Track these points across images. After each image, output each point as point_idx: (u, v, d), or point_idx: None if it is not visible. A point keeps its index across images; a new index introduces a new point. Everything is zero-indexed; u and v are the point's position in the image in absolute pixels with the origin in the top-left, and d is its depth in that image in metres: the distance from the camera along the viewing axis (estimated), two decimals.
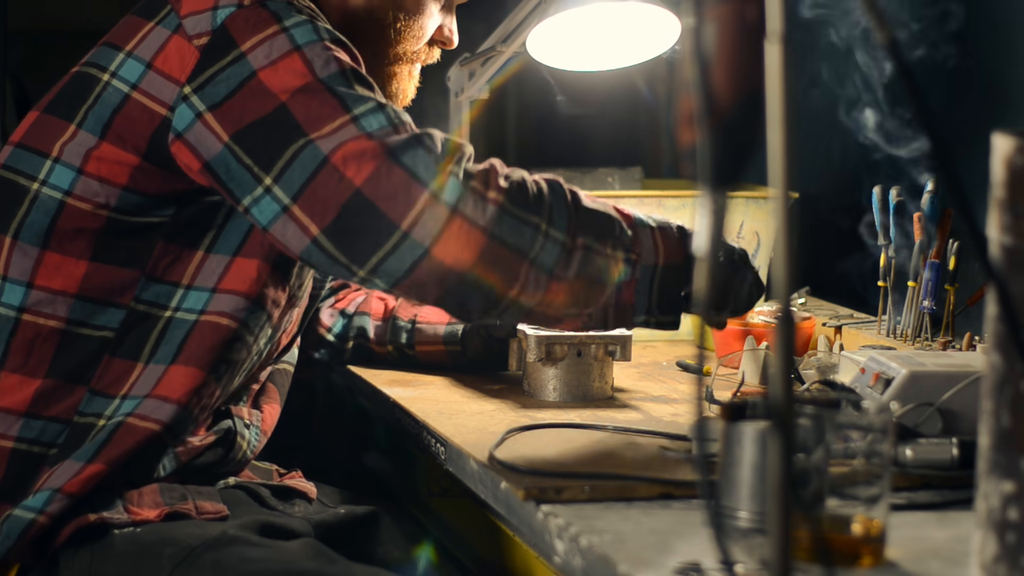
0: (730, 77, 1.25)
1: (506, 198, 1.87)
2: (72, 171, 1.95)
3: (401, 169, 1.84)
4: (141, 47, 1.96)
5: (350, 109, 1.87)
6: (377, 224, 1.84)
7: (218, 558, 1.89)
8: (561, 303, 1.90)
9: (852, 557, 1.49)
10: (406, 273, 1.85)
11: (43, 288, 1.95)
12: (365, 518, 2.11)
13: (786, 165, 1.20)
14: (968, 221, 1.30)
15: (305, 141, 1.86)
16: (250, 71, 1.89)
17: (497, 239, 1.85)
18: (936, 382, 1.85)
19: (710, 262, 1.25)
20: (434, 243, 1.84)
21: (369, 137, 1.86)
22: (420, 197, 1.83)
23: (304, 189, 1.86)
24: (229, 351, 1.98)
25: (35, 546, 1.90)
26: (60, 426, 1.94)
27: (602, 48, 2.60)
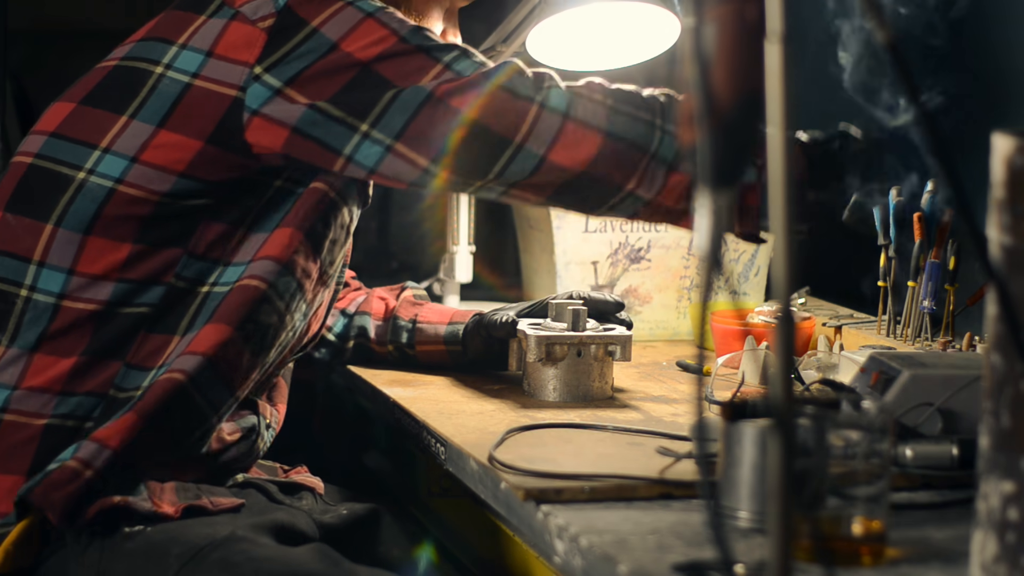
0: (730, 77, 1.25)
1: (614, 99, 2.00)
2: (125, 160, 1.98)
3: (502, 91, 1.97)
4: (196, 39, 2.01)
5: (439, 59, 1.98)
6: (490, 143, 1.97)
7: (225, 557, 1.89)
8: (679, 195, 1.99)
9: (852, 557, 1.49)
10: (525, 177, 1.99)
11: (84, 274, 1.97)
12: (366, 518, 2.11)
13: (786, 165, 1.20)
14: (968, 221, 1.30)
15: (399, 90, 1.96)
16: (330, 43, 1.97)
17: (612, 135, 1.97)
18: (936, 382, 1.85)
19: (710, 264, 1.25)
20: (550, 149, 1.97)
21: (468, 79, 1.97)
22: (529, 111, 1.97)
23: (407, 127, 1.96)
24: (257, 312, 2.00)
25: (66, 503, 1.89)
26: (95, 400, 1.96)
27: (602, 48, 2.60)
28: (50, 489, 1.89)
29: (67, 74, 2.11)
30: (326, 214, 2.05)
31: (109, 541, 1.91)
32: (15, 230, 2.00)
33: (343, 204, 2.08)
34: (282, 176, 2.02)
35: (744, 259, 2.64)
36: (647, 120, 1.99)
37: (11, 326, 1.97)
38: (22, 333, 1.97)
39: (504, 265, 3.13)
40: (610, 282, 2.60)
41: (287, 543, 1.96)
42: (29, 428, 1.95)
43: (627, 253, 2.60)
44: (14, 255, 1.99)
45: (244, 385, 2.04)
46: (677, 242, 2.61)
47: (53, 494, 1.89)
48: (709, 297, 1.26)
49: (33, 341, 1.96)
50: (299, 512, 2.05)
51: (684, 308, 2.63)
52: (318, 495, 2.12)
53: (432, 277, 2.93)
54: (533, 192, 2.02)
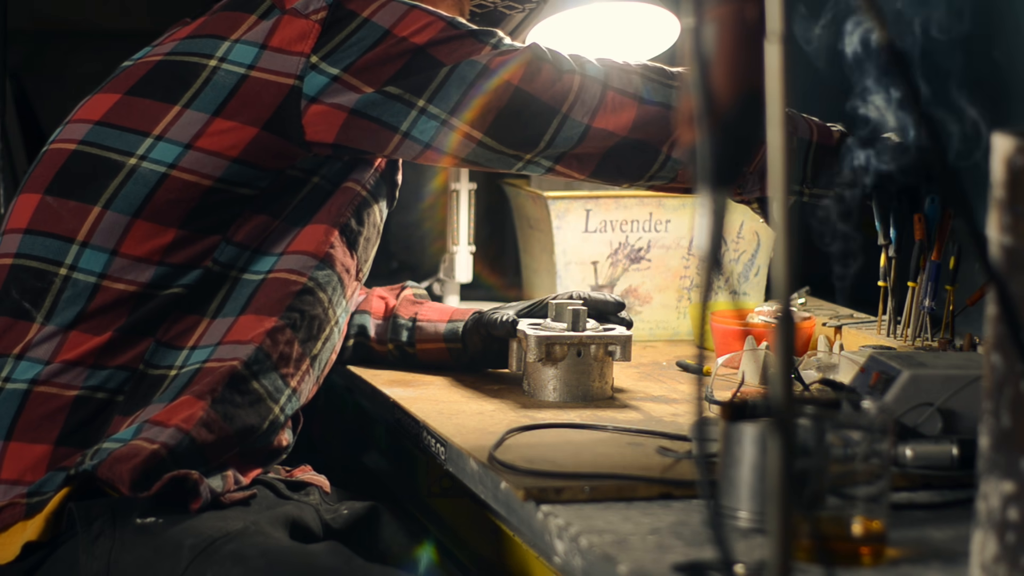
0: (730, 77, 1.25)
1: (645, 69, 2.11)
2: (179, 147, 2.04)
3: (548, 64, 2.08)
4: (249, 34, 2.08)
5: (487, 41, 2.09)
6: (539, 113, 2.07)
7: (238, 550, 1.90)
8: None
9: (852, 557, 1.49)
10: (571, 148, 2.09)
11: (128, 255, 2.02)
12: (366, 517, 2.11)
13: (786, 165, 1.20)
14: (968, 221, 1.30)
15: (454, 64, 2.07)
16: (383, 30, 2.06)
17: (647, 101, 2.09)
18: (936, 382, 1.85)
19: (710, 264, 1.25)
20: (594, 117, 2.08)
21: (510, 51, 2.08)
22: (573, 82, 2.08)
23: (462, 100, 2.06)
24: (300, 302, 2.07)
25: (134, 474, 1.92)
26: (126, 374, 2.01)
27: (602, 48, 2.60)
28: (116, 463, 1.93)
29: (67, 74, 2.12)
30: (359, 211, 2.13)
31: (119, 531, 1.92)
32: (57, 212, 2.05)
33: (374, 202, 2.16)
34: (320, 172, 2.09)
35: (744, 259, 2.64)
36: (677, 87, 2.10)
37: (47, 304, 2.02)
38: (59, 311, 2.01)
39: (504, 265, 3.13)
40: (610, 282, 2.60)
41: (298, 539, 1.97)
42: (60, 399, 1.99)
43: (627, 253, 2.60)
44: (54, 235, 2.04)
45: (298, 378, 2.08)
46: (677, 242, 2.61)
47: (119, 467, 1.92)
48: (709, 297, 1.26)
49: (71, 319, 2.01)
50: (307, 507, 2.06)
51: (684, 308, 2.63)
52: (324, 492, 2.13)
53: (432, 277, 2.93)
54: (578, 164, 2.11)
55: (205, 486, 1.95)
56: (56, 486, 1.95)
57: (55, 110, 2.25)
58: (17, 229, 2.06)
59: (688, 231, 2.60)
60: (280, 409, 2.07)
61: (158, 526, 1.92)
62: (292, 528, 2.00)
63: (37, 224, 2.05)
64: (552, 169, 2.13)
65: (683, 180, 2.14)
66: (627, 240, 2.59)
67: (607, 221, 2.59)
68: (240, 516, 1.96)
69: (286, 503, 2.05)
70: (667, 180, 2.14)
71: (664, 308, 2.62)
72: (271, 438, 2.07)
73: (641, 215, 2.59)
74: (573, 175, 2.13)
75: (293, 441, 2.13)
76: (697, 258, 2.60)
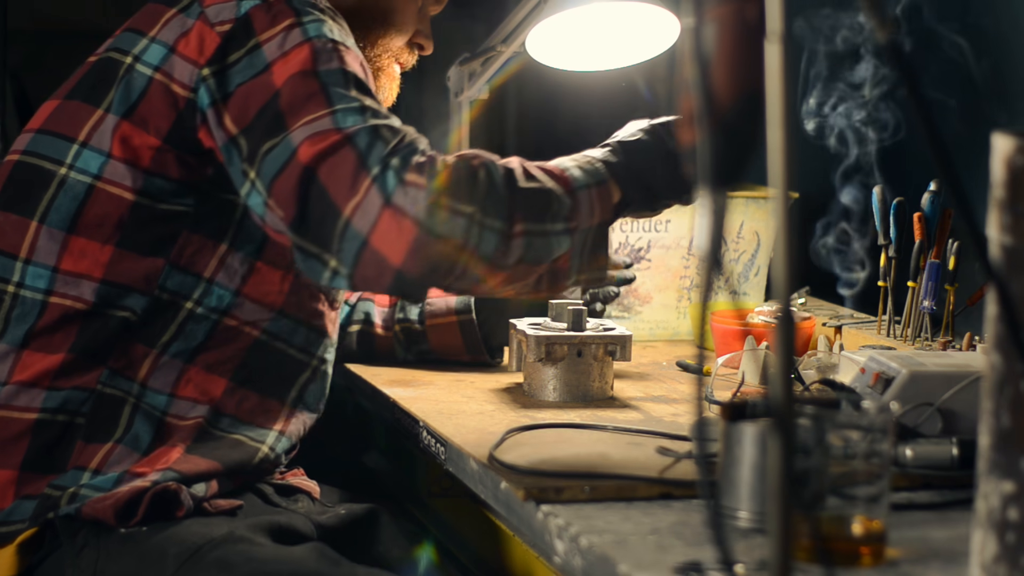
0: (730, 77, 1.25)
1: (440, 191, 1.83)
2: (102, 155, 1.98)
3: (354, 156, 1.84)
4: (164, 32, 2.00)
5: (333, 104, 1.89)
6: (329, 210, 1.84)
7: (223, 557, 1.89)
8: (498, 284, 1.91)
9: (852, 557, 1.49)
10: (354, 264, 1.83)
11: (68, 272, 1.98)
12: (365, 518, 2.11)
13: (786, 165, 1.20)
14: (968, 221, 1.30)
15: (283, 134, 1.88)
16: (264, 63, 1.93)
17: (429, 231, 1.82)
18: (936, 382, 1.85)
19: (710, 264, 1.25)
20: (371, 233, 1.82)
21: (338, 131, 1.87)
22: (363, 184, 1.83)
23: (275, 181, 1.88)
24: (253, 359, 2.03)
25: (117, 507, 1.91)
26: (83, 394, 1.97)
27: (602, 48, 2.60)
28: (99, 503, 1.92)
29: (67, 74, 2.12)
30: None
31: (105, 542, 1.91)
32: (3, 227, 2.01)
33: None
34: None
35: (744, 259, 2.64)
36: (468, 214, 1.84)
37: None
38: (10, 329, 1.98)
39: None
40: None
41: (285, 543, 1.96)
42: (20, 423, 1.96)
43: (627, 253, 2.59)
44: (2, 252, 2.00)
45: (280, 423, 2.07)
46: (677, 242, 2.61)
47: (102, 505, 1.91)
48: (709, 297, 1.26)
49: (21, 337, 1.98)
50: (296, 514, 2.05)
51: (684, 308, 2.63)
52: (314, 499, 2.12)
53: None
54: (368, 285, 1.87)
55: (186, 494, 1.93)
56: (25, 515, 1.94)
57: None
58: None
59: (688, 231, 2.60)
60: (270, 448, 2.04)
61: (142, 535, 1.91)
62: (280, 532, 1.98)
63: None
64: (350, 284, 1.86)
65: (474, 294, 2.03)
66: (627, 240, 2.59)
67: None
68: (225, 522, 1.95)
69: (273, 510, 2.04)
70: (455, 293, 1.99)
71: (664, 308, 2.62)
72: (265, 468, 2.05)
73: None
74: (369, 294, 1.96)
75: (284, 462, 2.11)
76: (697, 258, 2.60)
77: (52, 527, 1.93)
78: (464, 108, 2.73)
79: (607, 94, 3.31)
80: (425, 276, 1.84)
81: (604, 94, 3.30)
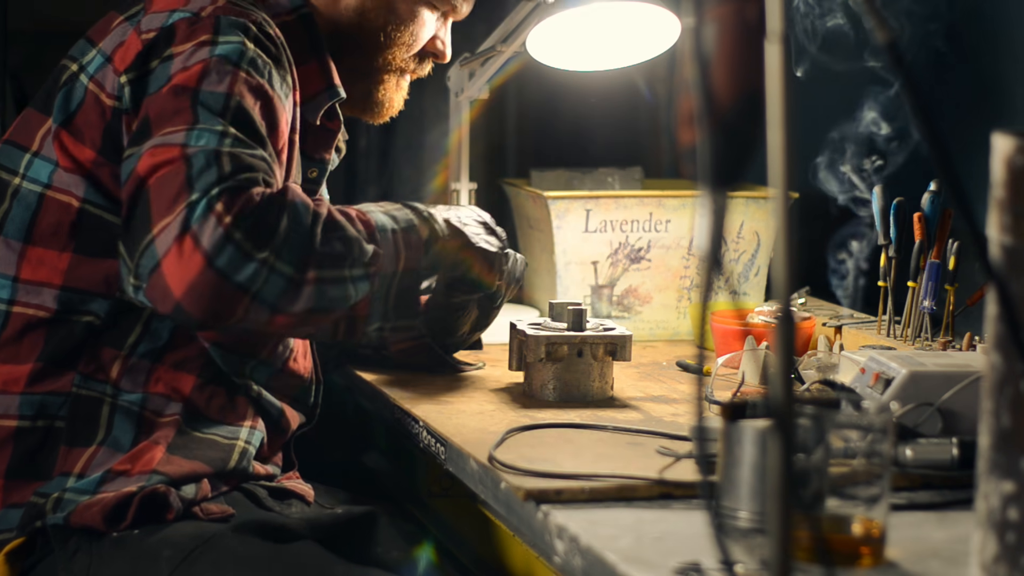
0: (730, 77, 1.25)
1: (237, 229, 1.80)
2: (50, 164, 1.98)
3: (183, 175, 1.82)
4: (107, 41, 2.00)
5: (194, 123, 1.86)
6: (143, 223, 1.82)
7: (216, 559, 1.89)
8: (284, 329, 1.92)
9: (852, 557, 1.49)
10: (145, 281, 1.82)
11: (28, 281, 1.98)
12: (363, 519, 2.11)
13: (786, 165, 1.20)
14: (968, 221, 1.30)
15: (142, 145, 1.87)
16: (167, 75, 1.91)
17: (215, 268, 1.79)
18: (936, 382, 1.85)
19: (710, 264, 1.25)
20: (164, 256, 1.80)
21: (182, 147, 1.84)
22: (179, 206, 1.80)
23: (123, 186, 1.87)
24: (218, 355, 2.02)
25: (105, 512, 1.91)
26: (59, 399, 1.96)
27: (602, 48, 2.60)
28: (86, 509, 1.92)
29: None
30: None
31: (97, 545, 1.91)
32: None
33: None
34: None
35: (744, 259, 2.64)
36: (260, 259, 1.81)
37: None
38: None
39: None
40: (610, 282, 2.60)
41: (278, 542, 1.96)
42: (1, 431, 1.96)
43: (627, 253, 2.59)
44: None
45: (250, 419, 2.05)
46: (677, 242, 2.61)
47: (90, 512, 1.91)
48: (709, 297, 1.26)
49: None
50: (289, 518, 2.04)
51: (684, 308, 2.63)
52: (308, 502, 2.11)
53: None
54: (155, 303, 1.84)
55: (175, 496, 1.93)
56: (12, 524, 1.94)
57: None
58: None
59: (688, 231, 2.60)
60: (245, 442, 2.04)
61: (135, 538, 1.91)
62: (274, 532, 1.97)
63: None
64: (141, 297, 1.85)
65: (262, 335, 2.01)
66: (627, 240, 2.59)
67: (607, 221, 2.58)
68: (217, 523, 1.95)
69: (266, 514, 2.03)
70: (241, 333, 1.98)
71: (664, 308, 2.62)
72: (247, 464, 2.04)
73: (641, 215, 2.59)
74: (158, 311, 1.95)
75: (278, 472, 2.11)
76: (697, 258, 2.60)
77: (43, 533, 1.93)
78: (464, 108, 2.73)
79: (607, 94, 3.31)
80: (204, 315, 1.81)
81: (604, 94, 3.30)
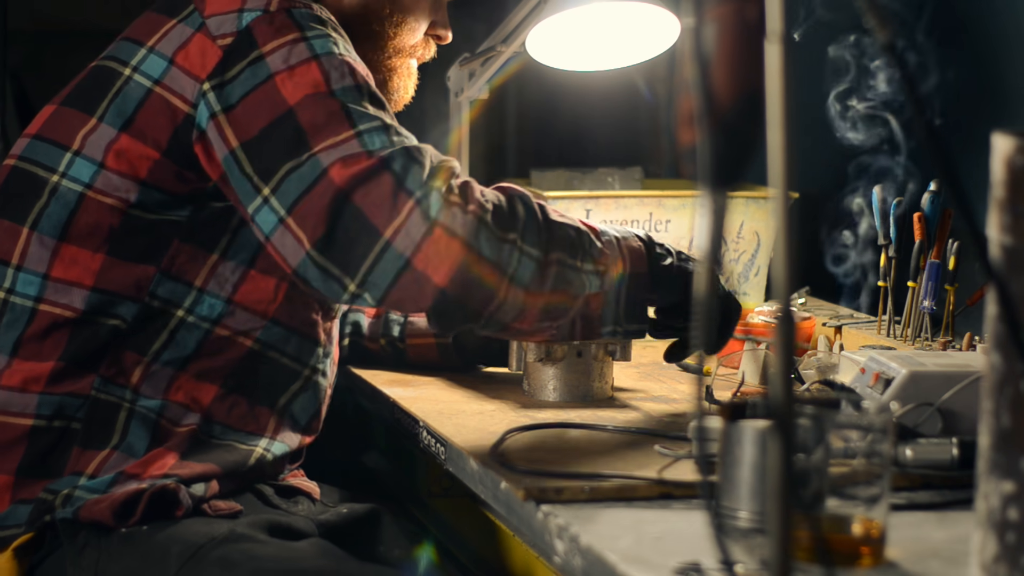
0: (730, 77, 1.25)
1: (485, 214, 1.90)
2: (94, 165, 1.98)
3: (391, 179, 1.88)
4: (163, 43, 1.99)
5: (356, 125, 1.91)
6: (364, 232, 1.87)
7: (225, 555, 1.89)
8: (535, 317, 1.95)
9: (852, 557, 1.49)
10: (391, 284, 1.88)
11: (59, 280, 1.97)
12: (366, 517, 2.11)
13: (786, 165, 1.20)
14: (968, 221, 1.30)
15: (307, 154, 1.89)
16: (267, 73, 1.93)
17: (476, 252, 1.89)
18: (936, 382, 1.85)
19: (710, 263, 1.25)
20: (415, 254, 1.87)
21: (369, 154, 1.89)
22: (405, 206, 1.87)
23: (299, 201, 1.89)
24: (244, 368, 2.02)
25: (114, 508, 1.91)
26: (78, 401, 1.96)
27: (602, 48, 2.60)
28: (95, 505, 1.92)
29: (67, 74, 2.11)
30: None
31: (106, 541, 1.91)
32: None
33: None
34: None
35: (744, 259, 2.64)
36: (511, 240, 1.91)
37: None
38: (1, 335, 1.98)
39: None
40: None
41: (287, 540, 1.96)
42: (15, 428, 1.96)
43: None
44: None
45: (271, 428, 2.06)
46: (677, 242, 2.61)
47: (99, 507, 1.91)
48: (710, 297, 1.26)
49: (11, 344, 1.98)
50: (297, 517, 2.05)
51: None
52: (314, 500, 2.12)
53: None
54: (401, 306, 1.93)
55: (184, 493, 1.93)
56: (20, 520, 1.94)
57: None
58: None
59: (688, 231, 2.60)
60: (264, 449, 2.04)
61: (143, 534, 1.91)
62: (281, 531, 1.98)
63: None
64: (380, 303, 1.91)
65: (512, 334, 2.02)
66: None
67: (607, 221, 2.58)
68: (227, 521, 1.95)
69: (273, 511, 2.03)
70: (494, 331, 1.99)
71: None
72: (264, 469, 2.05)
73: (641, 215, 2.59)
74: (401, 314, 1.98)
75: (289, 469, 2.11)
76: None
77: (52, 528, 1.93)
78: (464, 108, 2.73)
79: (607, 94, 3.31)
80: (465, 298, 1.90)
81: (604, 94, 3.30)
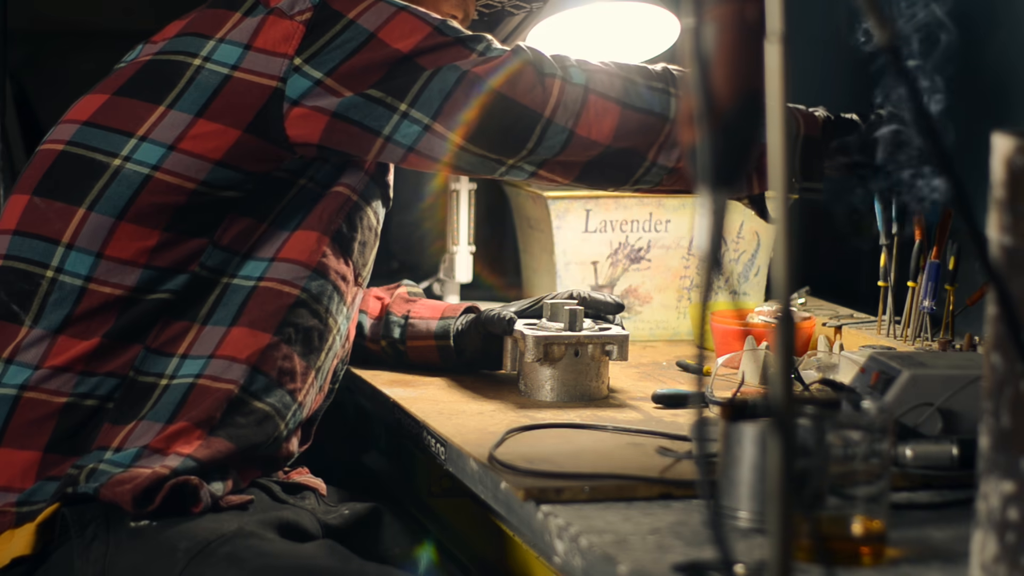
0: (730, 77, 1.25)
1: (627, 72, 2.08)
2: (162, 148, 2.03)
3: (531, 68, 2.05)
4: (234, 33, 2.07)
5: (473, 48, 2.06)
6: (521, 118, 2.04)
7: (233, 552, 1.90)
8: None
9: (852, 557, 1.49)
10: (554, 155, 2.07)
11: (112, 258, 2.01)
12: (368, 516, 2.11)
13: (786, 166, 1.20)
14: (968, 221, 1.30)
15: (436, 69, 2.04)
16: (367, 34, 2.04)
17: (631, 107, 2.06)
18: (936, 382, 1.85)
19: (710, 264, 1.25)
20: (576, 123, 2.05)
21: (498, 56, 2.06)
22: (554, 86, 2.05)
23: (444, 105, 2.03)
24: (295, 316, 2.05)
25: (135, 493, 1.92)
26: (115, 381, 1.99)
27: (602, 48, 2.60)
28: (117, 485, 1.92)
29: (67, 74, 2.12)
30: (351, 216, 2.11)
31: (113, 536, 1.91)
32: (44, 213, 2.04)
33: (366, 205, 2.14)
34: (307, 175, 2.07)
35: (744, 259, 2.64)
36: (661, 88, 2.08)
37: (35, 307, 2.01)
38: (46, 314, 2.00)
39: (504, 265, 3.13)
40: (610, 282, 2.60)
41: (294, 540, 1.96)
42: (49, 405, 1.98)
43: (627, 253, 2.60)
44: (42, 237, 2.03)
45: (304, 391, 2.07)
46: (677, 242, 2.61)
47: (120, 489, 1.92)
48: (709, 297, 1.26)
49: (58, 323, 2.00)
50: (303, 511, 2.05)
51: (684, 308, 2.63)
52: (320, 495, 2.12)
53: (432, 277, 2.93)
54: (562, 170, 2.10)
55: (206, 491, 1.94)
56: (47, 496, 1.95)
57: (55, 110, 2.24)
58: (6, 230, 2.06)
59: (688, 231, 2.60)
60: (285, 424, 2.06)
61: (152, 530, 1.92)
62: (288, 529, 1.99)
63: (25, 226, 2.04)
64: (535, 174, 2.10)
65: (670, 183, 2.12)
66: (627, 240, 2.59)
67: (607, 221, 2.59)
68: (234, 518, 1.96)
69: (282, 507, 2.04)
70: (653, 184, 2.13)
71: (664, 308, 2.62)
72: (275, 449, 2.06)
73: (641, 215, 2.59)
74: (556, 180, 2.11)
75: (298, 452, 2.12)
76: (697, 258, 2.60)
77: (65, 519, 1.93)
78: None
79: None
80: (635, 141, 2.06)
81: None
